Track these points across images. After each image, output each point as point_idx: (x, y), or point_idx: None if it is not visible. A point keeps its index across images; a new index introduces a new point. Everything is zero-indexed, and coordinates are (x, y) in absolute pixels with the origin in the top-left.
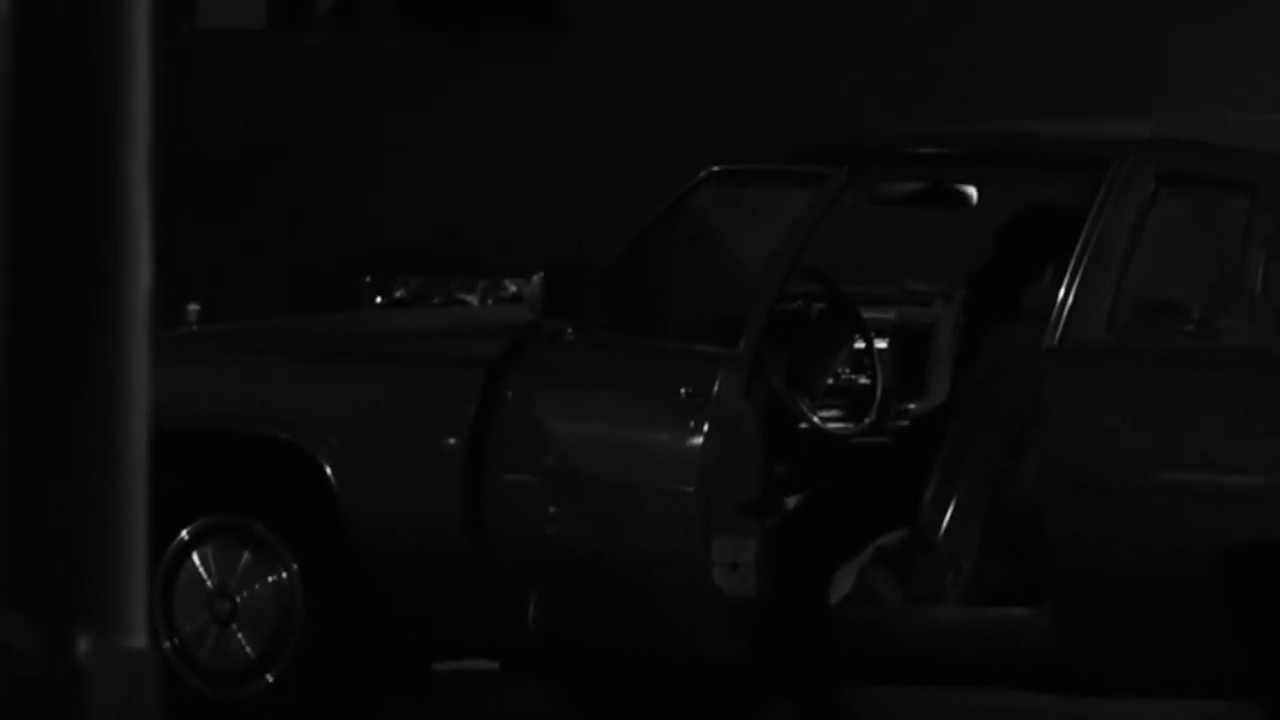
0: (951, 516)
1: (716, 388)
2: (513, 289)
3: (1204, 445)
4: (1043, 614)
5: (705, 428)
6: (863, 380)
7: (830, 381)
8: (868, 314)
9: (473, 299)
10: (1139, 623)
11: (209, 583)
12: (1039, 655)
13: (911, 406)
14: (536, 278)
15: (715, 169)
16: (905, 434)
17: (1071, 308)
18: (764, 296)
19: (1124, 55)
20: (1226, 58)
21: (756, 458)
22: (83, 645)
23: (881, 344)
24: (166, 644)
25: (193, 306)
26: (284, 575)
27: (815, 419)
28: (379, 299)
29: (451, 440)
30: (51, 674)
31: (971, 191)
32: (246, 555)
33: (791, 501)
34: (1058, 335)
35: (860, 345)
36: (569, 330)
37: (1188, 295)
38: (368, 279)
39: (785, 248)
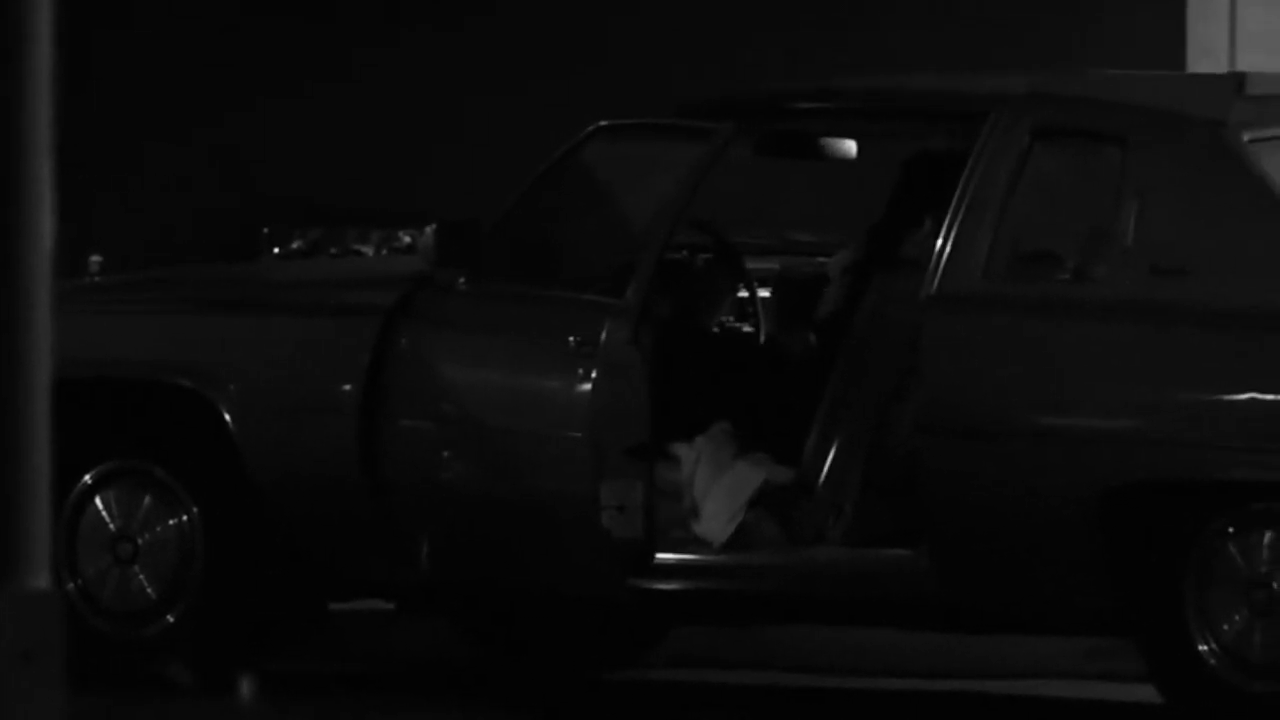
0: (833, 460)
1: (604, 336)
2: (407, 240)
3: (1077, 391)
4: (921, 555)
5: (594, 375)
6: (746, 328)
7: (715, 330)
8: (752, 264)
9: (368, 250)
10: (1015, 563)
11: (111, 526)
12: (918, 595)
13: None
14: (429, 229)
15: (603, 123)
16: (787, 380)
17: (949, 257)
18: (651, 247)
19: (1007, 18)
20: (1098, 21)
21: (643, 404)
22: None
23: (764, 293)
24: (70, 585)
25: (95, 258)
26: (184, 518)
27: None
28: (277, 250)
29: (347, 387)
30: None
31: (851, 144)
32: (148, 499)
33: (679, 446)
34: (935, 284)
35: (744, 294)
36: (461, 280)
37: (1062, 245)
38: (265, 230)
39: (672, 200)
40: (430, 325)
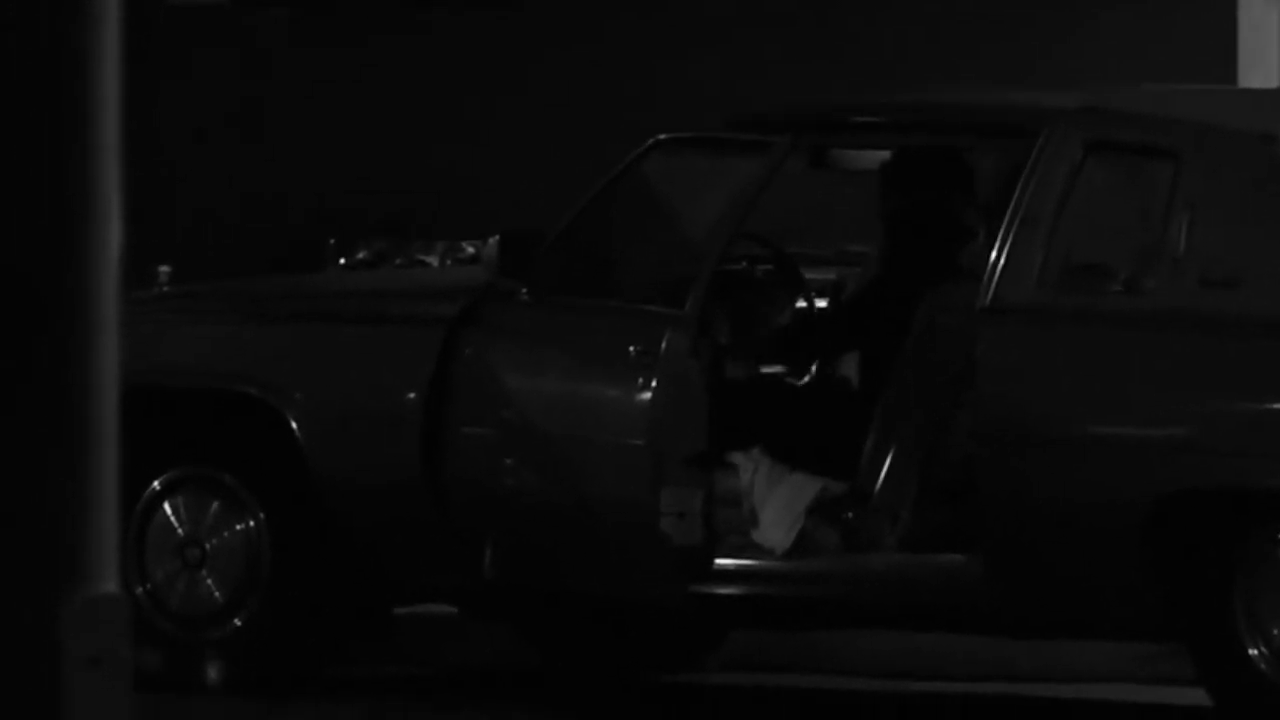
0: (889, 468)
1: (664, 346)
2: (470, 251)
3: (1129, 400)
4: (976, 561)
5: (654, 384)
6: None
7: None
8: (809, 275)
9: (432, 260)
10: (1069, 570)
11: (180, 531)
12: (973, 601)
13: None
14: (492, 240)
15: (662, 136)
16: (847, 388)
17: (1003, 268)
18: (709, 258)
19: (1057, 31)
20: (1148, 35)
21: (703, 413)
22: (56, 592)
23: (822, 303)
24: (139, 590)
25: (163, 268)
26: (251, 524)
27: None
28: (343, 260)
29: (411, 395)
30: (26, 620)
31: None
32: (215, 505)
33: (737, 455)
34: (990, 294)
35: (802, 305)
36: (523, 291)
37: (1114, 257)
38: (332, 241)
39: (730, 212)
40: (493, 335)
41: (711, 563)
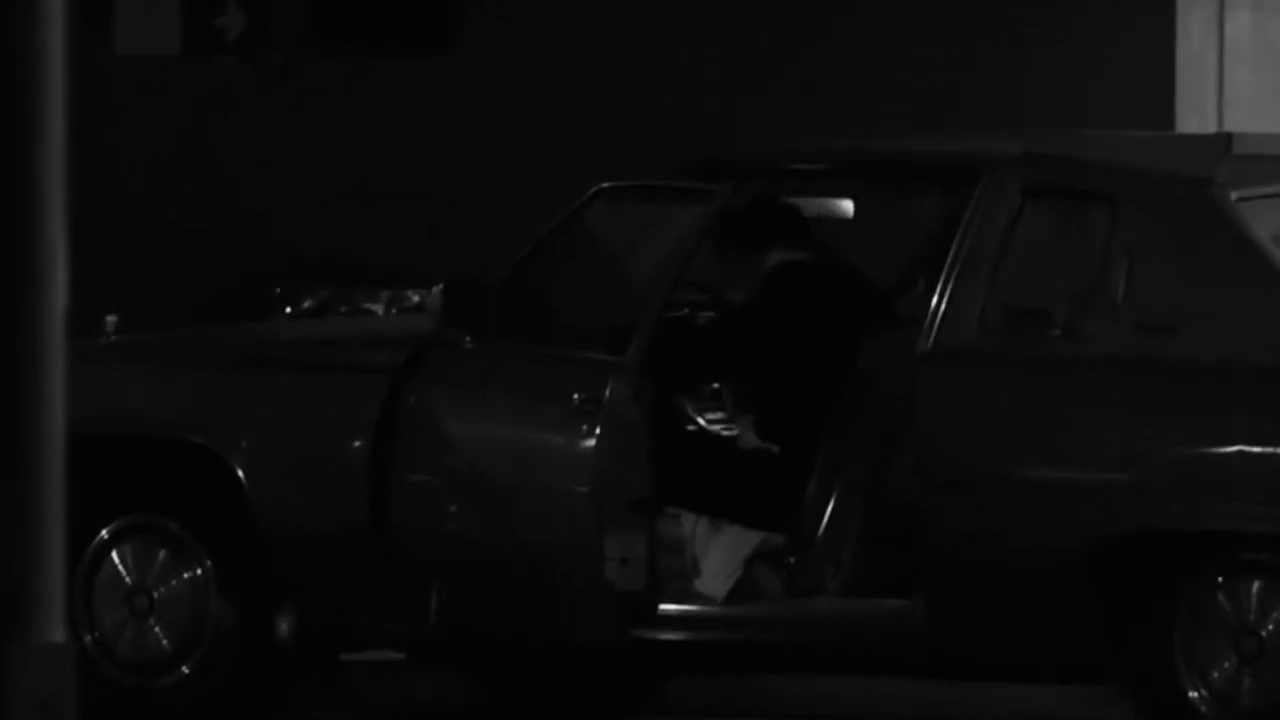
0: (831, 513)
1: (607, 393)
2: (415, 299)
3: (1069, 444)
4: (918, 605)
5: (597, 431)
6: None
7: (715, 385)
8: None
9: (377, 309)
10: (1010, 612)
11: (127, 579)
12: (915, 644)
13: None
14: (436, 289)
15: (605, 185)
16: (787, 435)
17: (944, 313)
18: (651, 306)
19: (995, 74)
20: (1086, 79)
21: (645, 459)
22: (3, 639)
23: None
24: (87, 637)
25: (110, 318)
26: (198, 571)
27: (701, 421)
28: (288, 309)
29: (357, 443)
30: None
31: (848, 204)
32: (163, 553)
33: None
34: (930, 339)
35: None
36: (467, 339)
37: (1053, 302)
38: (277, 290)
39: (672, 259)
40: (437, 383)
41: (655, 608)
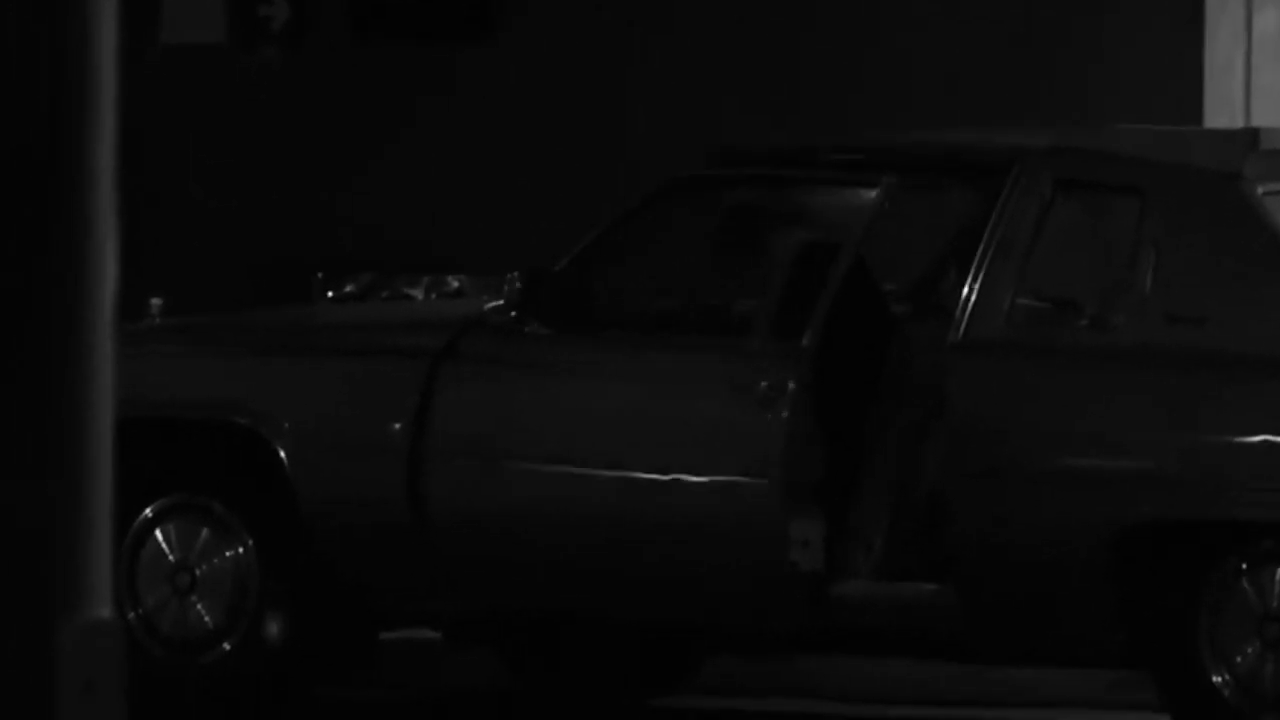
0: (864, 498)
1: (791, 382)
2: (455, 284)
3: (1096, 433)
4: (948, 589)
5: (784, 416)
6: None
7: None
8: None
9: (418, 294)
10: (1036, 598)
11: (171, 557)
12: (944, 628)
13: None
14: (512, 276)
15: (678, 175)
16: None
17: (974, 304)
18: (827, 293)
19: (1027, 73)
20: (1115, 75)
21: (823, 444)
22: (52, 617)
23: None
24: (131, 615)
25: (155, 301)
26: (240, 550)
27: None
28: (330, 294)
29: (397, 425)
30: (21, 645)
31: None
32: (206, 532)
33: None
34: (961, 330)
35: None
36: (511, 322)
37: (1082, 293)
38: (320, 275)
39: (845, 249)
40: (475, 366)
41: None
